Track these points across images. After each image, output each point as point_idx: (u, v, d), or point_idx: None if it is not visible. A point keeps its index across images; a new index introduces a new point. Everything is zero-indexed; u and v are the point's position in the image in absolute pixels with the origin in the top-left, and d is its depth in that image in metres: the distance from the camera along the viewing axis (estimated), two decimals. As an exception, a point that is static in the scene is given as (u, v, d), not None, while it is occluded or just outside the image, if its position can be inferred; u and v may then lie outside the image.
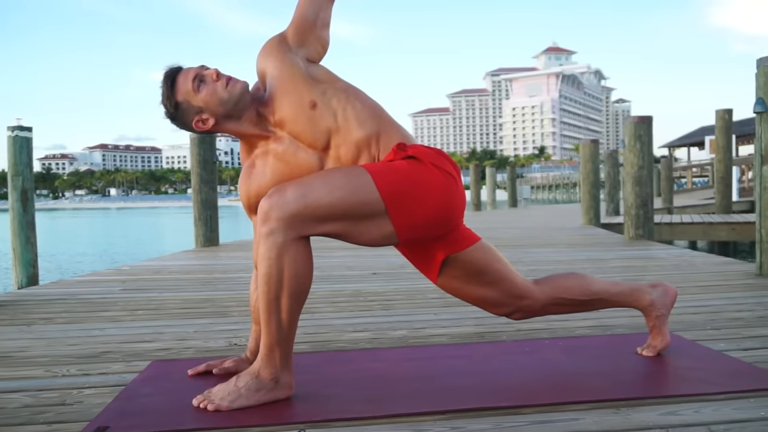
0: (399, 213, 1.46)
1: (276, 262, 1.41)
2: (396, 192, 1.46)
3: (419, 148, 1.54)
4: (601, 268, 3.97)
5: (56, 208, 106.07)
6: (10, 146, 5.78)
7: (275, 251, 1.40)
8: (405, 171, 1.48)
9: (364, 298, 3.05)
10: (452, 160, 1.59)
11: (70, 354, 2.07)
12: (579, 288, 1.77)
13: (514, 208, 17.82)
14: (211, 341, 2.22)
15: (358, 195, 1.43)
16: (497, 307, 1.72)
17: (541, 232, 7.51)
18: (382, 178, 1.45)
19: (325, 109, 1.53)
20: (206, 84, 1.54)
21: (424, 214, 1.49)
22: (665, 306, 1.82)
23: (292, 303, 1.45)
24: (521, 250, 5.30)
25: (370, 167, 1.48)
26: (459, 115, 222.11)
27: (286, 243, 1.40)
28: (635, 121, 5.87)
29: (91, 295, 3.33)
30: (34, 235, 5.83)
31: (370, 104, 1.58)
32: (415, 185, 1.48)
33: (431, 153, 1.54)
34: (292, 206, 1.39)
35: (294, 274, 1.42)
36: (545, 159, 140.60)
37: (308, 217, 1.40)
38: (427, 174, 1.50)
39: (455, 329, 2.32)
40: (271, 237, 1.40)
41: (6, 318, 2.73)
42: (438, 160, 1.53)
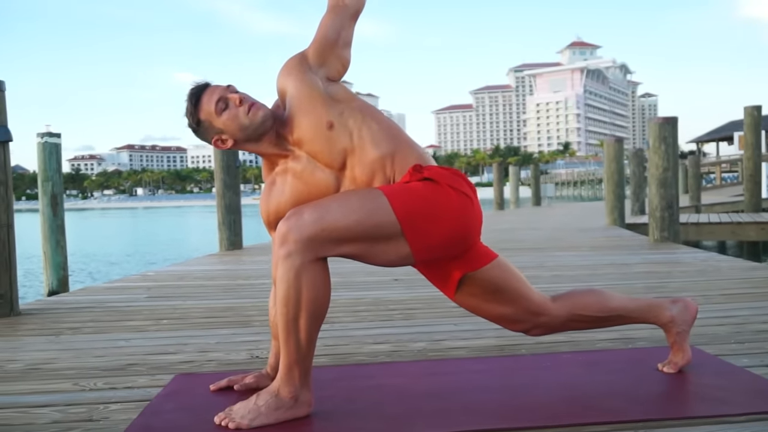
0: (415, 235, 1.48)
1: (294, 284, 1.43)
2: (412, 214, 1.47)
3: (435, 169, 1.55)
4: (624, 274, 3.93)
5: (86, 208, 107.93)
6: (40, 152, 5.92)
7: (293, 273, 1.42)
8: (421, 193, 1.49)
9: (385, 306, 3.07)
10: (469, 181, 1.60)
11: (97, 366, 2.12)
12: (597, 305, 1.76)
13: (537, 207, 17.68)
14: (233, 353, 2.25)
15: (374, 218, 1.45)
16: (515, 324, 1.72)
17: (564, 234, 7.46)
18: (398, 201, 1.47)
19: (341, 130, 1.55)
20: (229, 109, 1.56)
21: (440, 236, 1.50)
22: (686, 322, 1.80)
23: (311, 324, 1.47)
24: (544, 254, 5.27)
25: (387, 189, 1.49)
26: (482, 112, 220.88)
27: (304, 265, 1.42)
28: (660, 122, 5.79)
29: (118, 302, 3.40)
30: (63, 238, 5.98)
31: (387, 124, 1.60)
32: (432, 207, 1.49)
33: (447, 174, 1.55)
34: (309, 229, 1.41)
35: (313, 296, 1.44)
36: (570, 155, 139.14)
37: (325, 240, 1.42)
38: (444, 196, 1.51)
39: (475, 341, 2.32)
40: (289, 259, 1.42)
41: (35, 327, 2.80)
42: (454, 182, 1.54)
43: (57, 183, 5.98)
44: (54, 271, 5.96)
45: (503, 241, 6.62)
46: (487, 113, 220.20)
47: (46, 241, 5.94)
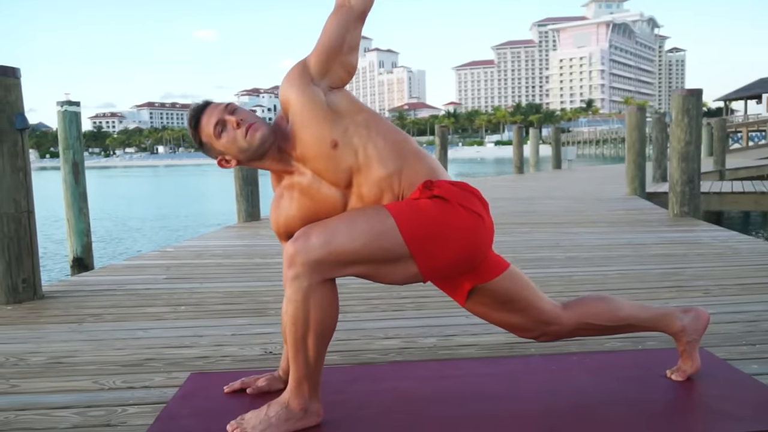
0: (423, 256, 1.48)
1: (302, 305, 1.45)
2: (420, 236, 1.47)
3: (446, 186, 1.53)
4: (640, 257, 3.91)
5: (108, 166, 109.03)
6: (60, 121, 5.97)
7: (301, 295, 1.45)
8: (430, 213, 1.49)
9: (397, 293, 3.09)
10: (480, 196, 1.59)
11: (116, 361, 2.18)
12: (607, 314, 1.77)
13: (557, 170, 17.50)
14: (247, 348, 2.30)
15: (382, 240, 1.45)
16: (524, 332, 1.74)
17: (582, 205, 7.39)
18: (406, 222, 1.47)
19: (346, 149, 1.52)
20: (227, 131, 1.55)
21: (449, 257, 1.50)
22: (697, 331, 1.81)
23: (318, 343, 1.50)
24: (561, 230, 5.25)
25: (395, 209, 1.49)
26: (504, 68, 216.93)
27: (312, 287, 1.44)
28: (683, 93, 5.66)
29: (137, 284, 3.47)
30: (86, 205, 6.07)
31: (393, 138, 1.57)
32: (440, 227, 1.48)
33: (458, 192, 1.53)
34: (317, 252, 1.42)
35: (320, 317, 1.47)
36: (593, 113, 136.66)
37: (332, 263, 1.44)
38: (453, 216, 1.50)
39: (485, 338, 2.34)
40: (297, 281, 1.44)
41: (59, 314, 2.88)
42: (465, 200, 1.53)
43: (78, 151, 6.02)
44: (78, 237, 6.07)
45: (520, 214, 6.60)
46: (509, 69, 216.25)
47: (69, 209, 6.04)
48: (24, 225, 3.17)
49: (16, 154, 3.12)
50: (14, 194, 3.12)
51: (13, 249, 3.12)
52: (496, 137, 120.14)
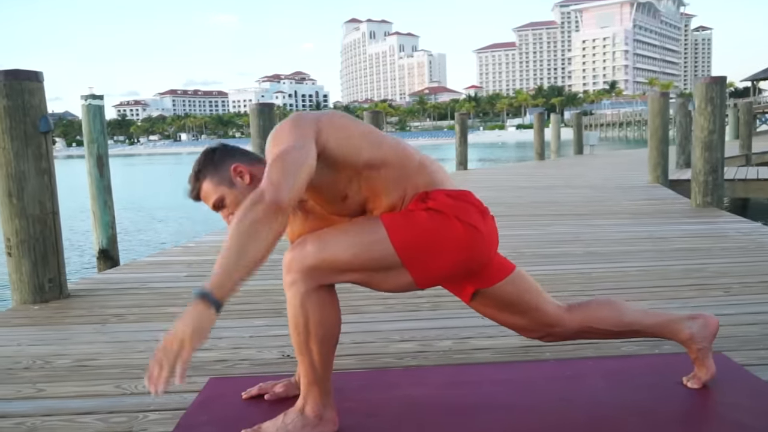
0: (416, 266, 1.50)
1: (300, 311, 1.49)
2: (411, 246, 1.48)
3: (441, 198, 1.53)
4: (661, 252, 3.87)
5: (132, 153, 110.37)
6: (84, 114, 6.06)
7: (298, 300, 1.48)
8: (423, 224, 1.49)
9: (413, 293, 3.11)
10: (478, 203, 1.59)
11: (138, 365, 2.23)
12: (611, 319, 1.76)
13: (579, 156, 17.32)
14: (265, 351, 2.34)
15: (373, 251, 1.48)
16: (529, 332, 1.76)
17: (603, 194, 7.32)
18: (398, 233, 1.48)
19: (356, 196, 1.55)
20: (227, 208, 1.61)
21: (442, 267, 1.52)
22: (706, 338, 1.79)
23: (321, 347, 1.53)
24: (581, 222, 5.21)
25: (388, 221, 1.50)
26: (525, 50, 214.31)
27: (308, 292, 1.48)
28: (706, 82, 5.55)
29: (160, 282, 3.53)
30: (110, 198, 6.17)
31: (396, 162, 1.53)
32: (433, 239, 1.49)
33: (452, 204, 1.53)
34: (311, 260, 1.46)
35: (319, 320, 1.50)
36: (616, 94, 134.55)
37: (326, 270, 1.47)
38: (447, 227, 1.50)
39: (500, 340, 2.35)
40: (294, 287, 1.48)
41: (84, 314, 2.95)
42: (461, 212, 1.52)
43: (102, 144, 6.11)
44: (103, 230, 6.18)
45: (541, 205, 6.56)
46: (530, 51, 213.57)
47: (94, 201, 6.15)
48: (49, 226, 3.24)
49: (41, 156, 3.18)
50: (39, 196, 3.19)
51: (39, 249, 3.19)
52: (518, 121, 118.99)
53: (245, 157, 1.62)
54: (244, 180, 1.58)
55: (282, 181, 1.33)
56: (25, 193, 3.14)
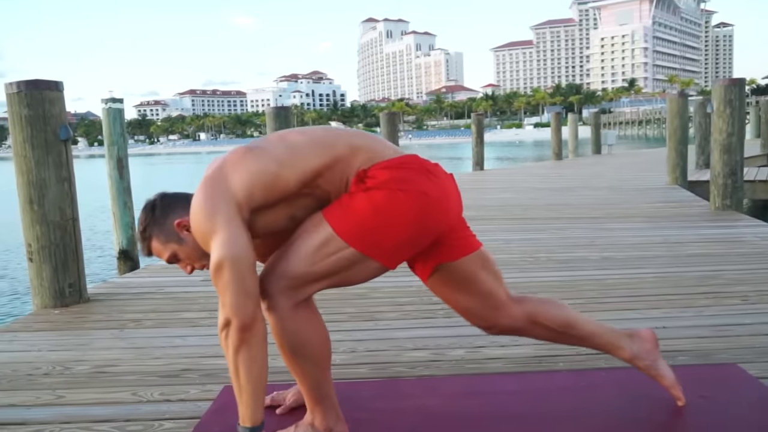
0: (376, 250, 1.48)
1: (283, 334, 1.50)
2: (363, 234, 1.46)
3: (378, 174, 1.48)
4: (676, 258, 3.84)
5: (153, 153, 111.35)
6: (105, 118, 6.15)
7: (279, 324, 1.50)
8: (366, 208, 1.46)
9: (428, 298, 3.12)
10: (420, 167, 1.52)
11: (154, 371, 2.27)
12: (557, 318, 1.73)
13: (597, 156, 17.18)
14: (278, 359, 2.33)
15: (328, 251, 1.47)
16: (476, 318, 1.72)
17: (620, 196, 7.27)
18: (345, 227, 1.47)
19: (303, 213, 1.53)
20: (179, 263, 1.62)
21: (402, 243, 1.49)
22: (649, 352, 1.76)
23: (312, 367, 1.55)
24: (597, 225, 5.18)
25: (330, 215, 1.48)
26: (543, 48, 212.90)
27: (285, 314, 1.49)
28: (725, 84, 5.49)
29: (176, 286, 3.58)
30: (130, 199, 6.25)
31: (325, 165, 1.49)
32: (381, 219, 1.46)
33: (392, 177, 1.48)
34: (280, 282, 1.48)
35: (302, 340, 1.51)
36: (635, 92, 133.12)
37: (296, 287, 1.49)
38: (391, 203, 1.46)
39: (513, 350, 2.35)
40: (271, 312, 1.50)
41: (102, 318, 3.00)
42: (402, 182, 1.48)
43: (122, 146, 6.20)
44: (123, 230, 6.27)
45: (556, 207, 6.52)
46: (548, 50, 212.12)
47: (114, 203, 6.24)
48: (69, 232, 3.30)
49: (61, 164, 3.24)
50: (60, 203, 3.25)
51: (59, 255, 3.25)
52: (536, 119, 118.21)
53: (187, 208, 1.54)
54: (191, 233, 1.52)
55: (233, 301, 1.40)
56: (45, 200, 3.20)
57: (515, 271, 3.66)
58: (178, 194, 1.62)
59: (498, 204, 6.99)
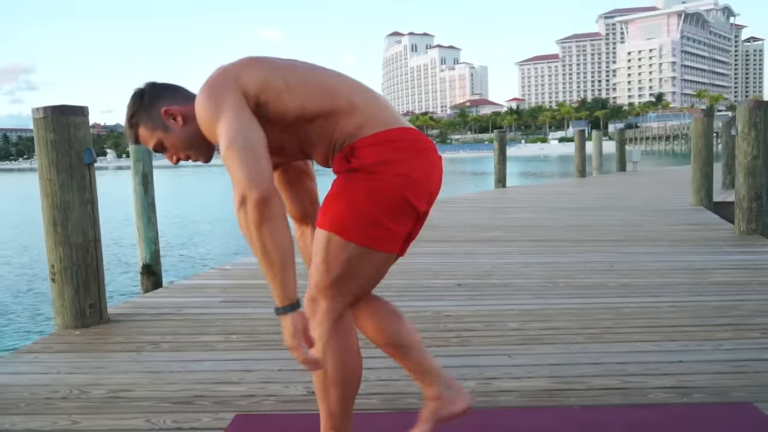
0: (372, 240, 1.49)
1: (322, 349, 1.53)
2: (356, 226, 1.47)
3: (366, 152, 1.48)
4: (697, 286, 3.78)
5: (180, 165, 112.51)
6: (131, 134, 6.28)
7: (323, 339, 1.54)
8: (353, 201, 1.47)
9: (444, 325, 3.11)
10: (407, 143, 1.51)
11: (169, 397, 2.30)
12: (391, 326, 1.69)
13: (621, 173, 17.01)
14: (291, 386, 2.38)
15: (337, 255, 1.50)
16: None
17: (644, 217, 7.18)
18: (338, 224, 1.48)
19: (290, 147, 1.57)
20: (165, 153, 1.61)
21: (387, 224, 1.49)
22: (448, 412, 1.70)
23: (339, 390, 1.57)
24: (618, 249, 5.13)
25: (325, 217, 1.50)
26: (569, 62, 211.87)
27: (326, 332, 1.54)
28: (750, 106, 5.42)
29: (195, 308, 3.62)
30: (154, 215, 6.35)
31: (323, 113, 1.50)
32: (366, 209, 1.47)
33: (379, 157, 1.47)
34: (315, 299, 1.54)
35: (339, 360, 1.55)
36: (663, 107, 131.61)
37: (329, 297, 1.53)
38: (378, 192, 1.47)
39: (526, 382, 2.34)
40: (320, 326, 1.54)
41: (121, 340, 3.05)
42: (388, 166, 1.47)
43: (147, 163, 6.29)
44: (147, 245, 6.36)
45: (578, 229, 6.47)
46: (574, 63, 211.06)
47: (138, 218, 6.33)
48: (91, 253, 3.36)
49: (84, 187, 3.31)
50: (83, 225, 3.32)
51: (81, 276, 3.32)
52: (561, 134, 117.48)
53: (175, 97, 1.57)
54: (177, 122, 1.55)
55: (248, 174, 1.35)
56: (69, 222, 3.27)
57: (531, 297, 3.64)
58: (168, 84, 1.62)
59: (518, 224, 6.95)
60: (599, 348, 2.70)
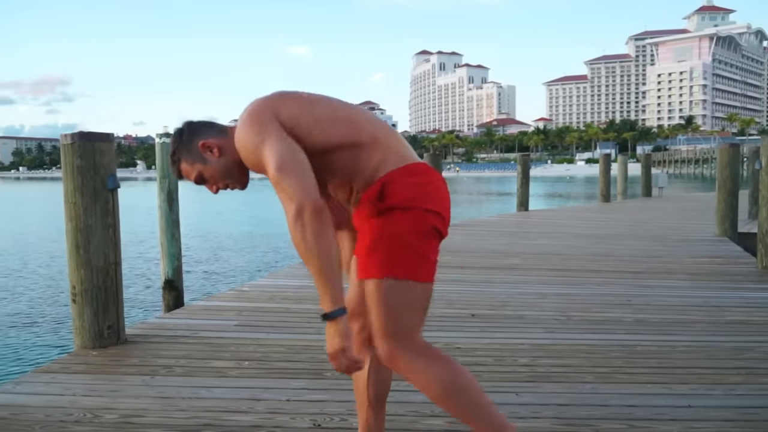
0: (411, 273, 1.59)
1: (428, 385, 1.64)
2: (412, 265, 1.58)
3: (399, 189, 1.58)
4: (715, 324, 3.74)
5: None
6: (159, 151, 6.39)
7: (420, 378, 1.64)
8: (388, 239, 1.57)
9: (453, 358, 3.12)
10: (427, 174, 1.63)
11: (178, 425, 2.35)
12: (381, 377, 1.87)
13: (647, 199, 16.82)
14: (298, 418, 2.41)
15: (393, 296, 1.58)
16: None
17: (665, 248, 7.10)
18: (383, 268, 1.57)
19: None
20: (206, 184, 1.73)
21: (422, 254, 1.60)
22: None
23: (467, 398, 1.67)
24: (635, 282, 5.08)
25: (382, 269, 1.57)
26: (598, 83, 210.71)
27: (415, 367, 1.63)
28: (774, 140, 5.35)
29: (210, 331, 3.67)
30: (178, 231, 6.45)
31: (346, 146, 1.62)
32: (402, 244, 1.57)
33: (412, 193, 1.58)
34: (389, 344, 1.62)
35: (444, 383, 1.64)
36: (693, 130, 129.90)
37: (399, 338, 1.62)
38: (417, 227, 1.58)
39: (531, 422, 2.34)
40: (411, 376, 1.65)
41: (136, 363, 3.12)
42: (421, 199, 1.59)
43: (173, 180, 6.41)
44: (169, 261, 6.46)
45: (597, 259, 6.42)
46: (602, 85, 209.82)
47: (162, 234, 6.44)
48: (111, 276, 3.45)
49: (107, 211, 3.41)
50: (104, 248, 3.41)
51: (100, 298, 3.40)
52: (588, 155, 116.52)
53: (210, 132, 1.70)
54: (214, 154, 1.68)
55: (303, 188, 1.49)
56: (91, 246, 3.37)
57: (544, 331, 3.63)
58: (203, 121, 1.76)
59: (538, 251, 6.92)
60: (608, 389, 2.69)
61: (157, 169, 6.37)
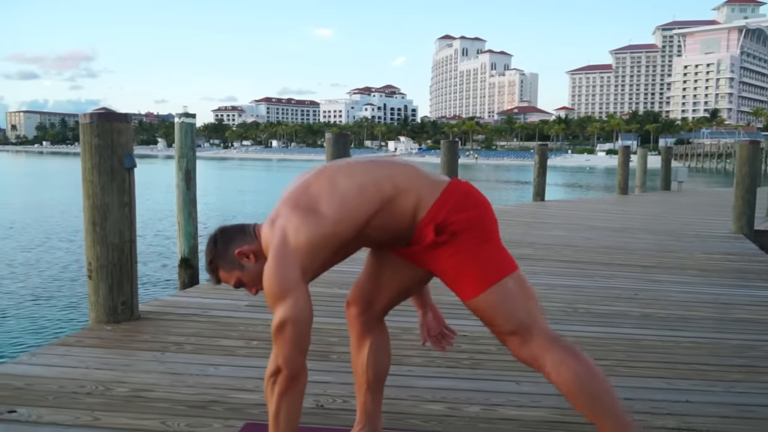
0: (499, 273, 1.71)
1: (558, 374, 1.76)
2: (488, 274, 1.70)
3: (454, 217, 1.67)
4: (721, 321, 3.74)
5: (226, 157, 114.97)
6: (178, 131, 6.48)
7: (550, 363, 1.77)
8: (470, 257, 1.68)
9: (457, 346, 3.15)
10: (458, 189, 1.73)
11: (185, 400, 2.43)
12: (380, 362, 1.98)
13: (665, 192, 16.66)
14: (302, 398, 2.47)
15: (502, 304, 1.71)
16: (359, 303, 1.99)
17: (678, 242, 7.06)
18: (493, 277, 1.69)
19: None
20: (245, 287, 1.82)
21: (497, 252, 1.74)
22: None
23: (604, 392, 1.78)
24: (645, 276, 5.08)
25: (480, 286, 1.69)
26: (622, 73, 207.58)
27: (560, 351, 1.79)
28: (794, 138, 5.28)
29: (220, 310, 3.76)
30: (195, 210, 6.54)
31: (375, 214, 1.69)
32: (482, 253, 1.69)
33: (466, 217, 1.68)
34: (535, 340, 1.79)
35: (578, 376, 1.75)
36: (718, 123, 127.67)
37: (537, 325, 1.78)
38: (477, 237, 1.69)
39: (530, 411, 2.38)
40: (548, 360, 1.78)
41: (148, 339, 3.21)
42: (474, 219, 1.70)
43: (191, 159, 6.48)
44: (186, 239, 6.56)
45: (608, 251, 6.41)
46: (627, 75, 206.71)
47: (179, 213, 6.53)
48: (126, 253, 3.54)
49: (124, 190, 3.49)
50: (120, 226, 3.49)
51: (115, 275, 3.50)
52: (609, 146, 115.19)
53: (243, 238, 1.77)
54: (250, 260, 1.75)
55: (289, 356, 1.63)
56: (107, 223, 3.45)
57: (550, 323, 3.62)
58: (235, 226, 1.82)
59: (550, 242, 6.92)
60: (608, 381, 2.71)
61: (176, 149, 6.45)
